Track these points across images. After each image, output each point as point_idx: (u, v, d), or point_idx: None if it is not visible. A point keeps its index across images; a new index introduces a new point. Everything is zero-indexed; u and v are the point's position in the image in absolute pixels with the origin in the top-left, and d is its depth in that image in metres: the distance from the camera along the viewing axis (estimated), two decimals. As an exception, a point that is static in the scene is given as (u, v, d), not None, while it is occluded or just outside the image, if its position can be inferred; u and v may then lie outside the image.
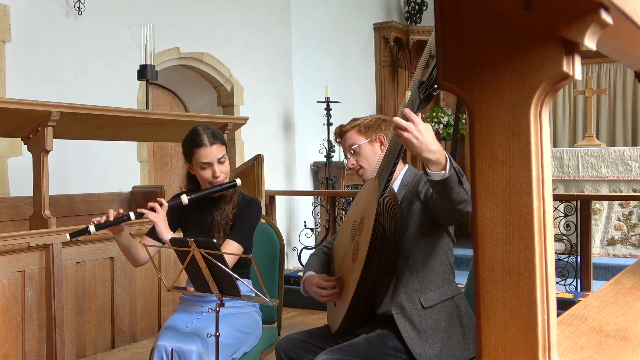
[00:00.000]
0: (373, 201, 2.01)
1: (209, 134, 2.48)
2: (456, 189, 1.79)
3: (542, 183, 0.73)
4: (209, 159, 2.46)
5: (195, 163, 2.49)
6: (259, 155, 4.60)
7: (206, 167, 2.47)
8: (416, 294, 2.08)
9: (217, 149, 2.47)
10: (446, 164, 1.75)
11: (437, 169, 1.75)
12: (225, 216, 2.51)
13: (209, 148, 2.45)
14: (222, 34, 5.81)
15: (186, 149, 2.52)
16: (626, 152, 6.00)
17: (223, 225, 2.50)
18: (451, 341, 2.06)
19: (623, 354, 1.03)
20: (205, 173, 2.48)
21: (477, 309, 0.77)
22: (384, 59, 8.01)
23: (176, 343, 2.34)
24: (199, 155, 2.46)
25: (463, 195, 1.82)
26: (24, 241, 3.02)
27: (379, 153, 2.24)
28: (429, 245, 2.10)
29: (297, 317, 4.91)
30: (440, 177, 1.76)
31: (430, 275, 2.10)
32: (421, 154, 1.73)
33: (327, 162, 6.61)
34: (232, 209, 2.52)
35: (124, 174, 4.85)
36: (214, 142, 2.47)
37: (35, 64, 4.33)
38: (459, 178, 1.79)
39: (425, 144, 1.70)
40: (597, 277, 5.11)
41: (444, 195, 1.82)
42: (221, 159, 2.49)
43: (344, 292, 2.17)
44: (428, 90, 1.61)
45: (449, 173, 1.75)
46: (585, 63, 8.18)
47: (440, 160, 1.74)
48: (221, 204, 2.53)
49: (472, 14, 0.74)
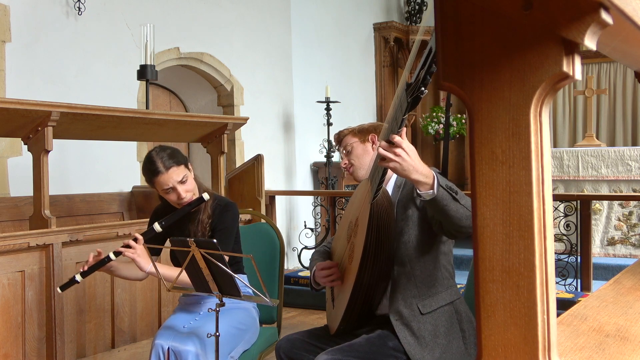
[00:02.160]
0: (366, 203, 2.01)
1: (164, 159, 2.43)
2: (452, 206, 1.81)
3: (542, 183, 0.73)
4: (169, 184, 2.44)
5: (159, 189, 2.49)
6: (259, 155, 4.60)
7: (169, 191, 2.46)
8: (414, 300, 2.07)
9: (175, 171, 2.43)
10: (433, 184, 1.77)
11: (426, 188, 1.78)
12: (202, 226, 2.52)
13: (165, 174, 2.42)
14: (222, 34, 5.81)
15: (146, 177, 2.52)
16: (626, 152, 6.00)
17: (201, 236, 2.50)
18: (451, 347, 2.05)
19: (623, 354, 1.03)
20: (171, 197, 2.48)
21: (477, 309, 0.77)
22: (384, 59, 8.01)
23: (172, 342, 2.34)
24: (159, 184, 2.45)
25: (462, 211, 1.83)
26: (24, 241, 3.02)
27: (370, 152, 2.25)
28: (426, 252, 2.09)
29: (297, 317, 4.91)
30: (429, 197, 1.79)
31: (429, 282, 2.09)
32: (409, 177, 1.76)
33: (327, 162, 6.61)
34: (207, 219, 2.53)
35: (124, 174, 4.85)
36: (169, 166, 2.42)
37: (35, 64, 4.32)
38: (451, 195, 1.80)
39: (411, 167, 1.73)
40: (597, 277, 5.11)
41: (442, 214, 1.85)
42: (182, 180, 2.45)
43: (341, 293, 2.17)
44: (415, 92, 1.59)
45: (437, 191, 1.77)
46: (585, 63, 8.18)
47: (428, 181, 1.77)
48: (197, 215, 2.54)
49: (472, 14, 0.74)
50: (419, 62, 1.55)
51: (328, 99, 6.53)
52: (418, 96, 1.59)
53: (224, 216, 2.53)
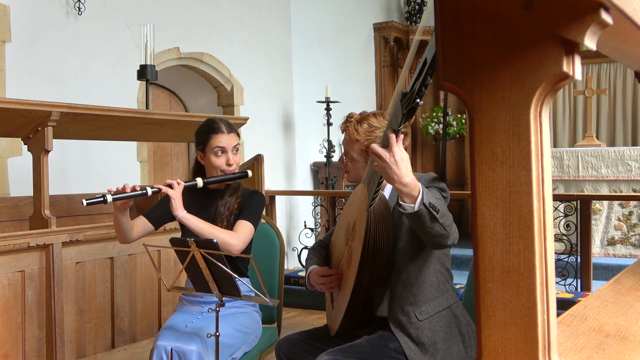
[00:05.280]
0: (363, 210, 1.99)
1: (226, 123, 2.55)
2: (428, 224, 1.79)
3: (542, 183, 0.73)
4: (224, 144, 2.50)
5: (209, 149, 2.51)
6: (259, 155, 4.60)
7: (220, 154, 2.51)
8: (410, 307, 2.06)
9: (234, 137, 2.54)
10: (416, 199, 1.75)
11: (409, 201, 1.76)
12: (229, 207, 2.52)
13: (226, 135, 2.51)
14: (222, 34, 5.81)
15: (202, 136, 2.54)
16: (626, 152, 6.00)
17: (227, 216, 2.50)
18: (451, 351, 2.05)
19: (623, 354, 1.03)
20: (219, 160, 2.51)
21: (477, 309, 0.77)
22: (384, 59, 8.01)
23: (176, 343, 2.33)
24: (216, 140, 2.50)
25: (438, 229, 1.82)
26: (24, 241, 3.02)
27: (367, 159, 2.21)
28: (420, 258, 2.08)
29: (297, 317, 4.91)
30: (410, 210, 1.77)
31: (424, 288, 2.08)
32: (393, 184, 1.75)
33: (327, 162, 6.61)
34: (236, 200, 2.54)
35: (124, 174, 4.85)
36: (230, 130, 2.53)
37: (35, 64, 4.33)
38: (431, 214, 1.77)
39: (397, 176, 1.70)
40: (597, 277, 5.11)
41: (417, 227, 1.85)
42: (236, 147, 2.55)
43: (340, 296, 2.16)
44: (410, 104, 1.54)
45: (417, 208, 1.75)
46: (585, 63, 8.18)
47: (412, 193, 1.75)
48: (225, 195, 2.55)
49: (472, 14, 0.74)
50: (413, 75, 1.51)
51: (328, 99, 6.53)
52: (414, 107, 1.55)
53: (253, 197, 2.56)
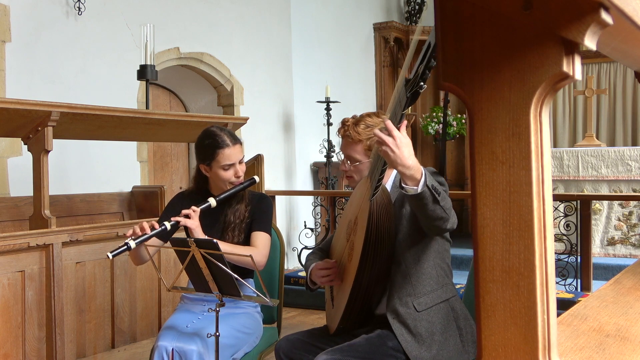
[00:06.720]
0: (366, 201, 2.01)
1: (229, 134, 2.47)
2: (430, 206, 1.84)
3: (542, 183, 0.73)
4: (233, 160, 2.45)
5: (216, 165, 2.45)
6: (259, 155, 4.60)
7: (228, 168, 2.46)
8: (409, 298, 2.08)
9: (239, 148, 2.48)
10: (420, 181, 1.79)
11: (411, 184, 1.81)
12: (240, 215, 2.51)
13: (232, 148, 2.44)
14: (222, 34, 5.81)
15: (207, 151, 2.46)
16: (626, 152, 6.00)
17: (238, 224, 2.50)
18: (448, 344, 2.06)
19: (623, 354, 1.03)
20: (227, 174, 2.46)
21: (477, 309, 0.77)
22: (384, 59, 8.00)
23: (177, 343, 2.33)
24: (224, 157, 2.43)
25: (439, 212, 1.86)
26: (24, 241, 3.02)
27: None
28: (420, 250, 2.10)
29: (297, 317, 4.91)
30: (413, 192, 1.81)
31: (423, 279, 2.10)
32: (396, 168, 1.79)
33: (327, 162, 6.61)
34: (245, 207, 2.52)
35: (124, 174, 4.85)
36: (235, 142, 2.47)
37: (35, 64, 4.32)
38: (433, 196, 1.82)
39: (400, 159, 1.75)
40: (597, 277, 5.11)
41: (419, 210, 1.89)
42: (242, 158, 2.50)
43: (341, 292, 2.17)
44: (414, 88, 1.60)
45: (420, 190, 1.80)
46: (585, 63, 8.18)
47: (415, 176, 1.79)
48: (234, 204, 2.53)
49: (472, 14, 0.74)
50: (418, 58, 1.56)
51: (328, 99, 6.53)
52: (417, 91, 1.60)
53: (262, 203, 2.55)
